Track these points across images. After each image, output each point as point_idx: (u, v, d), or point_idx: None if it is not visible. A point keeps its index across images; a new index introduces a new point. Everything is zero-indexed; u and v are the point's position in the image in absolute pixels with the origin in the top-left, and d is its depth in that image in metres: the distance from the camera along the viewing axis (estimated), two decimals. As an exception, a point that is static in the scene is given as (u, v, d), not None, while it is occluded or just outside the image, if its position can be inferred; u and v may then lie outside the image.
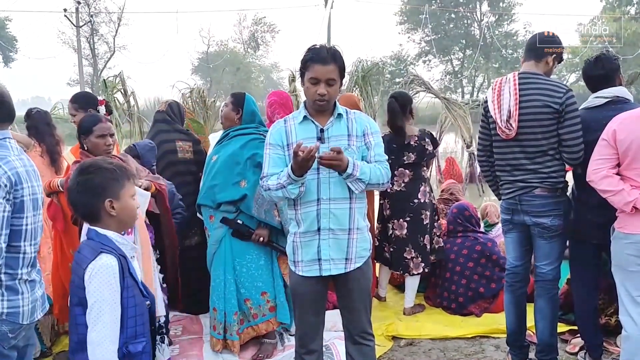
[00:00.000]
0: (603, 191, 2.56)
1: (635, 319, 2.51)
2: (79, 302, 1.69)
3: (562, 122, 2.73)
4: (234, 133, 3.26)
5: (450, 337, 3.57)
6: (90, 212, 1.76)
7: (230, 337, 3.18)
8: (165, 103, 3.80)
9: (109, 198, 1.74)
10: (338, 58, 2.29)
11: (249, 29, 44.45)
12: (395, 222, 3.90)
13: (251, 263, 3.15)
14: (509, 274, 3.10)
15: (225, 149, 3.23)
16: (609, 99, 2.81)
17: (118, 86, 8.78)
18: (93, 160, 1.81)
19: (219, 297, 3.17)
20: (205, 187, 3.22)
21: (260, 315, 3.19)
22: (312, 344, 2.47)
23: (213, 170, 3.20)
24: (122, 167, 1.81)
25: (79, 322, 1.70)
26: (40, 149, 4.28)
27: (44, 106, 5.99)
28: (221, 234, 3.16)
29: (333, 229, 2.31)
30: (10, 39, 37.36)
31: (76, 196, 1.75)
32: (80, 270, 1.68)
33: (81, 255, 1.72)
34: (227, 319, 3.17)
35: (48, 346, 3.37)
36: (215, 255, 3.21)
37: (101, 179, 1.74)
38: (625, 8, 32.02)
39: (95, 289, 1.64)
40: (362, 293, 2.43)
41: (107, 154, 2.81)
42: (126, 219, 1.81)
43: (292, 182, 2.21)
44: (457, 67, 40.54)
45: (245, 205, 3.09)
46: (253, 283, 3.15)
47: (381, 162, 2.35)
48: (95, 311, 1.64)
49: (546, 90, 2.75)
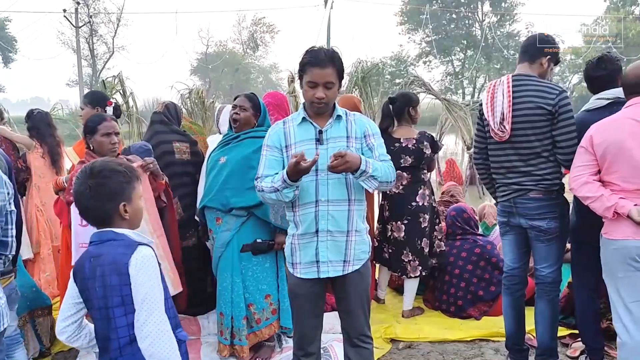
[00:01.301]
0: (583, 198, 2.54)
1: (628, 327, 2.48)
2: (121, 303, 1.64)
3: (555, 124, 2.72)
4: (244, 135, 3.13)
5: (449, 340, 3.56)
6: (104, 216, 1.72)
7: (238, 342, 3.11)
8: (162, 104, 3.77)
9: (123, 202, 1.71)
10: (336, 60, 2.27)
11: (248, 29, 44.54)
12: (394, 224, 3.89)
13: (257, 266, 3.10)
14: (506, 277, 3.10)
15: (235, 151, 3.11)
16: (611, 100, 2.79)
17: (117, 87, 8.77)
18: (104, 163, 1.75)
19: (225, 302, 3.10)
20: (215, 189, 3.09)
21: (264, 319, 3.15)
22: (310, 347, 2.47)
23: (223, 172, 3.08)
24: (132, 169, 1.79)
25: (119, 325, 1.65)
26: (42, 150, 4.29)
27: (43, 107, 5.99)
28: (228, 237, 3.07)
29: (331, 231, 2.29)
30: (10, 40, 37.41)
31: (89, 201, 1.70)
32: (120, 267, 1.63)
33: (115, 254, 1.66)
34: (234, 324, 3.10)
35: (47, 347, 3.36)
36: (221, 259, 3.12)
37: (115, 183, 1.70)
38: (629, 8, 31.91)
39: (144, 280, 1.62)
40: (361, 295, 2.42)
41: (112, 152, 2.81)
42: (136, 220, 1.78)
43: (287, 186, 2.20)
44: (458, 68, 40.51)
45: (261, 211, 3.00)
46: (257, 286, 3.10)
47: (386, 161, 2.34)
48: (149, 303, 1.62)
49: (539, 92, 2.74)
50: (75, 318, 1.75)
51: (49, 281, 4.19)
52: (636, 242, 2.42)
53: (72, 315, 1.74)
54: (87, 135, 2.84)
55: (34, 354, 3.26)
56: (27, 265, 4.08)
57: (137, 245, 1.68)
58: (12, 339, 2.59)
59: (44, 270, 4.21)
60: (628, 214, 2.38)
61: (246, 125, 3.15)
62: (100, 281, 1.65)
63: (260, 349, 3.26)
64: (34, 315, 3.24)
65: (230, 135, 3.21)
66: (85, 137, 2.86)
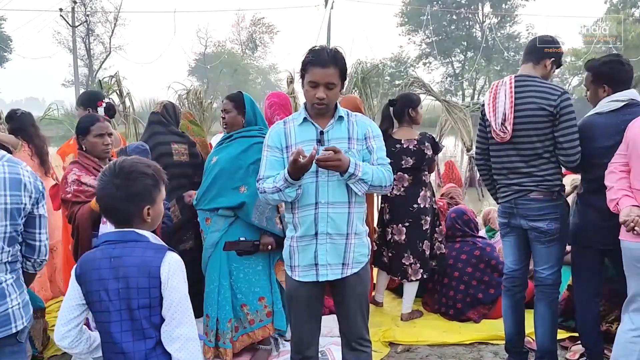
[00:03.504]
0: (606, 186, 2.58)
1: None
2: (148, 305, 1.63)
3: (557, 125, 2.71)
4: (236, 135, 3.16)
5: (448, 344, 3.53)
6: (127, 218, 1.70)
7: (222, 345, 3.11)
8: (160, 104, 3.71)
9: (148, 205, 1.70)
10: (339, 60, 2.24)
11: (247, 29, 44.55)
12: (395, 227, 3.86)
13: (248, 268, 3.09)
14: (507, 278, 3.09)
15: (226, 151, 3.14)
16: (624, 102, 2.76)
17: (114, 87, 8.73)
18: (133, 164, 1.71)
19: (211, 304, 3.10)
20: (202, 190, 3.15)
21: (257, 321, 3.13)
22: (307, 350, 2.44)
23: (212, 172, 3.11)
24: (160, 172, 1.77)
25: (145, 326, 1.64)
26: (30, 150, 4.26)
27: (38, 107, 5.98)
28: (217, 237, 3.08)
29: (331, 233, 2.27)
30: (5, 39, 37.04)
31: (115, 201, 1.67)
32: (151, 270, 1.62)
33: (143, 256, 1.65)
34: (219, 326, 3.10)
35: (40, 350, 3.33)
36: (210, 259, 3.13)
37: (143, 186, 1.69)
38: (629, 10, 31.93)
39: (177, 284, 1.64)
40: (359, 298, 2.39)
41: (105, 153, 2.81)
42: (155, 223, 1.77)
43: (288, 185, 2.17)
44: (458, 70, 40.55)
45: (243, 213, 3.01)
46: (251, 288, 3.09)
47: (384, 165, 2.32)
48: (183, 306, 1.65)
49: (541, 93, 2.73)
50: (77, 321, 1.71)
51: (42, 283, 4.15)
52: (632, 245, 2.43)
53: (75, 319, 1.70)
54: (79, 136, 2.82)
55: (27, 357, 3.22)
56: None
57: (166, 249, 1.69)
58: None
59: (38, 273, 4.17)
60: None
61: (235, 126, 3.20)
62: (124, 282, 1.63)
63: (257, 352, 3.23)
64: (27, 318, 3.20)
65: (225, 136, 3.27)
66: (78, 138, 2.84)
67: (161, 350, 1.66)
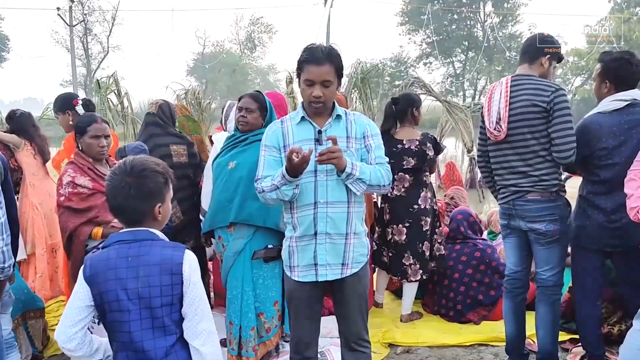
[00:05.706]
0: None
1: None
2: (170, 302, 1.64)
3: (551, 121, 2.69)
4: (253, 138, 2.98)
5: (448, 345, 3.52)
6: (139, 216, 1.69)
7: (246, 353, 3.00)
8: (156, 104, 3.64)
9: (159, 203, 1.70)
10: (334, 58, 2.22)
11: (246, 29, 44.49)
12: (395, 227, 3.85)
13: (267, 272, 3.00)
14: (508, 280, 3.07)
15: (244, 155, 2.96)
16: (628, 101, 2.74)
17: (112, 87, 8.73)
18: (144, 162, 1.71)
19: (235, 311, 2.99)
20: (224, 199, 2.96)
21: (273, 327, 3.06)
22: (307, 351, 2.44)
23: (233, 179, 2.95)
24: (168, 170, 1.77)
25: (166, 323, 1.65)
26: (32, 149, 4.28)
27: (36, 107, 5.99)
28: (241, 245, 2.94)
29: (330, 233, 2.26)
30: (2, 38, 36.79)
31: (127, 200, 1.66)
32: (173, 267, 1.64)
33: (163, 254, 1.66)
34: (242, 334, 2.99)
35: (40, 350, 3.33)
36: (232, 267, 3.00)
37: (155, 184, 1.68)
38: (633, 9, 31.81)
39: (197, 280, 1.68)
40: (359, 299, 2.38)
41: (100, 155, 2.80)
42: (164, 221, 1.77)
43: (286, 183, 2.16)
44: (459, 70, 40.44)
45: (272, 221, 2.91)
46: (267, 293, 3.00)
47: (382, 165, 2.30)
48: (204, 302, 1.69)
49: (535, 90, 2.72)
50: (84, 322, 1.69)
51: (42, 282, 4.15)
52: None
53: (82, 320, 1.68)
54: (77, 135, 2.83)
55: (26, 357, 3.21)
56: (21, 266, 4.05)
57: (183, 247, 1.71)
58: (7, 343, 2.57)
59: (38, 271, 4.17)
60: None
61: (254, 127, 3.02)
62: (144, 281, 1.63)
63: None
64: (26, 318, 3.20)
65: (236, 136, 3.08)
66: (76, 137, 2.84)
67: (180, 346, 1.68)
